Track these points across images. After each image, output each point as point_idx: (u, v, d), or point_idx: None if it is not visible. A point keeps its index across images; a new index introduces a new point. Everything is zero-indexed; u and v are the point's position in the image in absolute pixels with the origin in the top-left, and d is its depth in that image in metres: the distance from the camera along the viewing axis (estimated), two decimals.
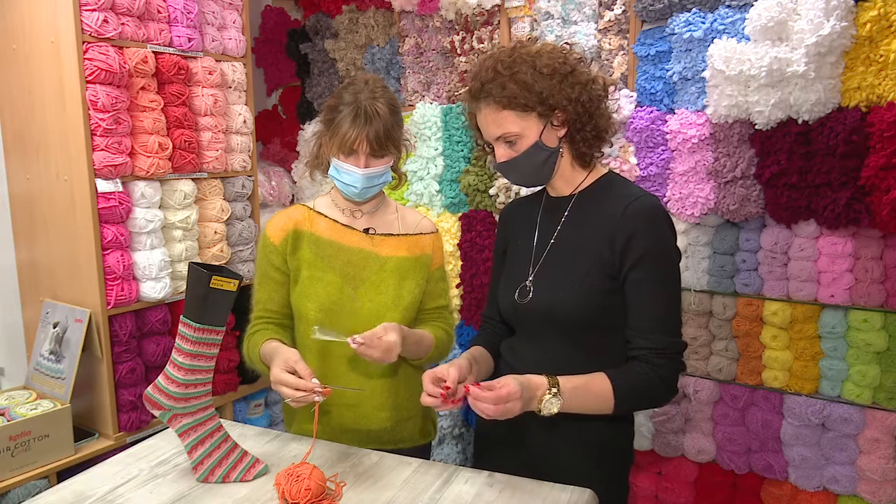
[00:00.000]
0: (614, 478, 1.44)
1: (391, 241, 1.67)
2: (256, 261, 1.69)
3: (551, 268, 1.42)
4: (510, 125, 1.34)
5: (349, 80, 1.63)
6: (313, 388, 1.32)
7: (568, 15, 2.51)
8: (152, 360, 2.38)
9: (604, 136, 1.40)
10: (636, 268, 1.31)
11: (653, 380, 1.30)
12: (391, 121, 1.56)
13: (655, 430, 2.52)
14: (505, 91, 1.32)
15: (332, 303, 1.60)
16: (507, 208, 1.62)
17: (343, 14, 3.08)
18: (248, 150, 2.71)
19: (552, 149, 1.37)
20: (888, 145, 1.93)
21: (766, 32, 2.03)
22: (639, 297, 1.33)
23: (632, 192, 1.37)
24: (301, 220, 1.65)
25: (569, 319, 1.37)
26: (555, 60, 1.33)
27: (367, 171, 1.56)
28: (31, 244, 2.39)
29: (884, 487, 2.14)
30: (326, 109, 1.60)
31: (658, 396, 1.34)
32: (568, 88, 1.33)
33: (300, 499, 1.22)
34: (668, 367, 1.31)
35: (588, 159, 1.42)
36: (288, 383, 1.34)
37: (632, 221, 1.32)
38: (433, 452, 2.95)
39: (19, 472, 2.02)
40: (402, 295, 1.63)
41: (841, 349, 2.19)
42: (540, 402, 1.24)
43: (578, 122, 1.36)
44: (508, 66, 1.33)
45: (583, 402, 1.29)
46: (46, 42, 2.16)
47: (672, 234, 1.36)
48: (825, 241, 2.16)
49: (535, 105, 1.32)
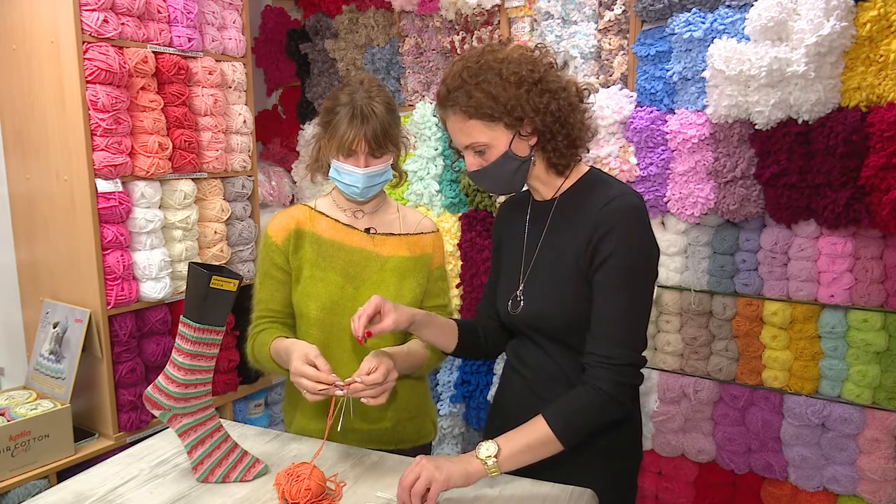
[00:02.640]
0: (621, 478, 1.42)
1: (392, 241, 1.67)
2: (258, 260, 1.69)
3: (537, 276, 1.40)
4: (478, 135, 1.30)
5: (344, 81, 1.64)
6: (334, 381, 1.32)
7: (568, 15, 2.51)
8: (152, 360, 2.38)
9: (578, 143, 1.35)
10: (600, 269, 1.27)
11: (590, 398, 1.24)
12: (388, 119, 1.56)
13: (655, 430, 2.52)
14: (471, 100, 1.27)
15: (334, 302, 1.60)
16: (501, 209, 1.61)
17: (343, 14, 3.08)
18: (248, 150, 2.71)
19: (523, 158, 1.33)
20: (888, 145, 1.93)
21: (766, 32, 2.03)
22: (598, 300, 1.27)
23: (610, 194, 1.31)
24: (303, 219, 1.65)
25: (557, 329, 1.35)
26: (523, 68, 1.27)
27: (367, 170, 1.57)
28: (31, 244, 2.39)
29: (884, 487, 2.14)
30: (323, 112, 1.61)
31: (599, 415, 1.25)
32: (536, 97, 1.27)
33: (300, 499, 1.22)
34: (611, 380, 1.23)
35: (562, 168, 1.36)
36: (309, 376, 1.33)
37: (605, 222, 1.27)
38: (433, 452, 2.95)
39: (19, 472, 2.02)
40: (403, 294, 1.64)
41: (841, 349, 2.19)
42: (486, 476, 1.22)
43: (549, 131, 1.31)
44: (474, 74, 1.28)
45: (526, 459, 1.23)
46: (46, 42, 2.16)
47: (647, 239, 1.30)
48: (825, 241, 2.16)
49: (502, 115, 1.27)
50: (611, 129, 2.42)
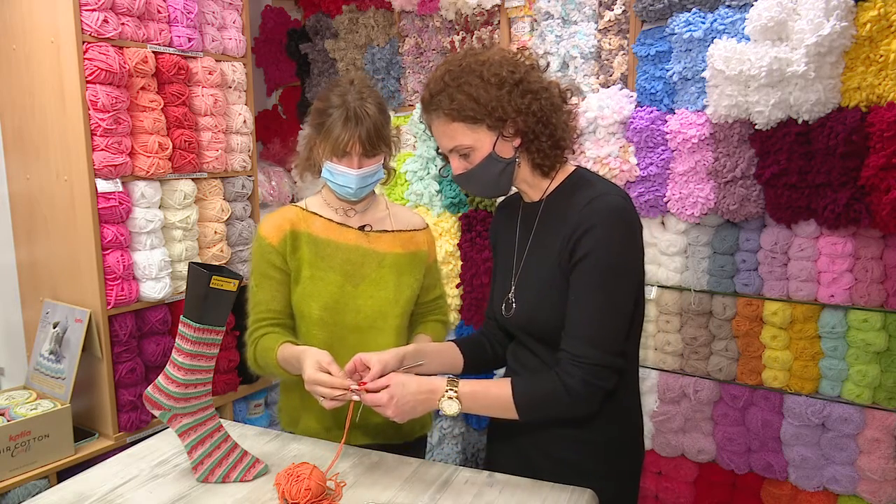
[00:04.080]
0: (621, 478, 1.42)
1: (386, 238, 1.69)
2: (252, 263, 1.68)
3: (527, 279, 1.40)
4: (462, 138, 1.31)
5: (333, 81, 1.64)
6: (349, 385, 1.31)
7: (568, 15, 2.51)
8: (152, 360, 2.38)
9: (562, 144, 1.35)
10: (577, 267, 1.27)
11: (557, 389, 1.25)
12: (380, 120, 1.58)
13: (655, 430, 2.52)
14: (453, 103, 1.28)
15: (335, 301, 1.61)
16: (496, 212, 1.61)
17: (343, 14, 3.08)
18: (248, 150, 2.71)
19: (508, 160, 1.33)
20: (888, 145, 1.93)
21: (766, 32, 2.03)
22: (573, 298, 1.27)
23: (592, 193, 1.31)
24: (296, 220, 1.65)
25: (547, 331, 1.34)
26: (503, 69, 1.28)
27: (361, 171, 1.58)
28: (31, 244, 2.39)
29: (884, 487, 2.14)
30: (315, 113, 1.61)
31: (562, 408, 1.26)
32: (518, 98, 1.28)
33: (300, 499, 1.22)
34: (578, 377, 1.23)
35: (547, 169, 1.37)
36: (324, 383, 1.33)
37: (585, 221, 1.26)
38: (434, 452, 2.95)
39: (19, 472, 2.02)
40: (402, 289, 1.65)
41: (841, 349, 2.19)
42: (439, 403, 1.27)
43: (532, 132, 1.31)
44: (456, 77, 1.29)
45: (483, 406, 1.29)
46: (46, 42, 2.16)
47: (628, 239, 1.29)
48: (825, 241, 2.16)
49: (484, 117, 1.28)
50: (611, 129, 2.42)
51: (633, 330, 1.34)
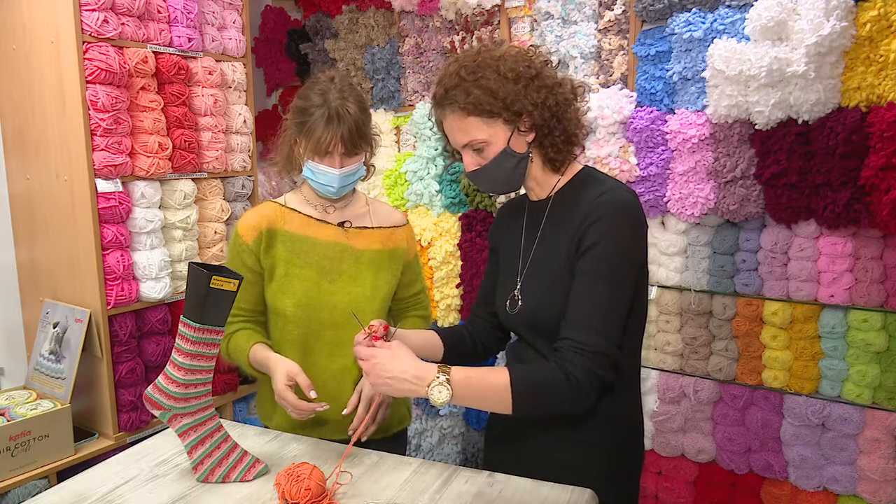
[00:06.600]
0: (621, 478, 1.42)
1: (365, 234, 1.69)
2: (227, 258, 1.69)
3: (533, 276, 1.41)
4: (476, 132, 1.31)
5: (312, 79, 1.63)
6: (313, 408, 1.46)
7: (568, 15, 2.51)
8: (152, 360, 2.38)
9: (574, 140, 1.37)
10: (584, 257, 1.27)
11: (558, 377, 1.21)
12: (362, 119, 1.58)
13: (655, 429, 2.52)
14: (469, 97, 1.28)
15: (310, 297, 1.62)
16: (499, 213, 1.62)
17: (343, 14, 3.08)
18: (248, 150, 2.71)
19: (521, 154, 1.34)
20: (888, 145, 1.93)
21: (766, 32, 2.03)
22: (578, 287, 1.27)
23: (604, 188, 1.32)
24: (274, 217, 1.66)
25: (554, 327, 1.33)
26: (519, 64, 1.30)
27: (342, 170, 1.59)
28: (31, 244, 2.39)
29: (884, 487, 2.14)
30: (296, 111, 1.61)
31: (562, 397, 1.21)
32: (533, 93, 1.29)
33: (300, 499, 1.22)
34: (581, 365, 1.21)
35: (558, 164, 1.38)
36: (290, 403, 1.47)
37: (593, 213, 1.27)
38: (434, 452, 2.95)
39: (19, 472, 2.02)
40: (379, 286, 1.67)
41: (841, 349, 2.19)
42: (429, 390, 1.18)
43: (546, 126, 1.33)
44: (472, 72, 1.30)
45: (476, 394, 1.21)
46: (46, 42, 2.16)
47: (635, 234, 1.30)
48: (825, 241, 2.16)
49: (501, 111, 1.29)
50: (611, 129, 2.42)
51: (631, 325, 1.34)
